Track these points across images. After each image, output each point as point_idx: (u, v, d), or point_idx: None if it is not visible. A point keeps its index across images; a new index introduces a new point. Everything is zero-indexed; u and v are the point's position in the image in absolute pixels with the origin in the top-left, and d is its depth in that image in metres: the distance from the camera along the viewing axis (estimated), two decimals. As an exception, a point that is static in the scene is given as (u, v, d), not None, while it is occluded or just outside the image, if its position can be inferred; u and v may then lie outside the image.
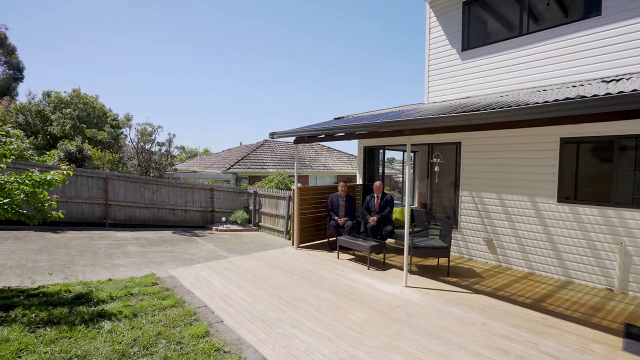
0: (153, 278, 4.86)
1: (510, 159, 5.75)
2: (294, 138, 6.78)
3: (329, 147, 25.21)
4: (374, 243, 5.69)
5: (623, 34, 5.08)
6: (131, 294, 4.11)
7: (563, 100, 3.16)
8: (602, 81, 4.74)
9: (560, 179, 5.21)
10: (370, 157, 8.41)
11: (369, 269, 5.55)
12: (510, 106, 3.53)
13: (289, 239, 10.78)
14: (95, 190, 10.10)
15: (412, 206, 7.45)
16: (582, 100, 3.05)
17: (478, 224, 6.15)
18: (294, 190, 7.03)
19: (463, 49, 7.01)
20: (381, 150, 8.51)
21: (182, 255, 7.15)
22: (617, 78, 4.73)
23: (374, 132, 5.15)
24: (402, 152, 9.83)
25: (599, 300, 4.39)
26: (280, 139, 23.48)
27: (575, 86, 4.88)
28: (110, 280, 4.83)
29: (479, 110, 3.75)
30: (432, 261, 6.01)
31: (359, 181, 8.53)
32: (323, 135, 6.06)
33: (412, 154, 10.09)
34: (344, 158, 23.95)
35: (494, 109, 3.58)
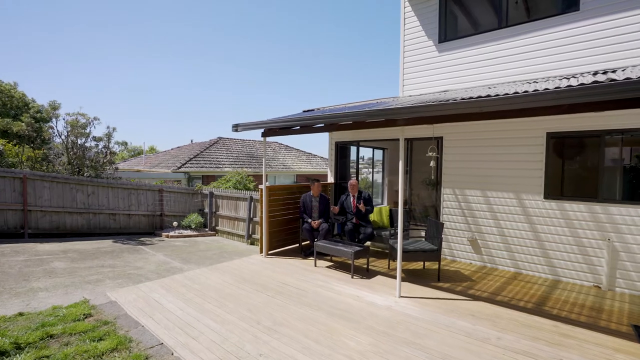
0: (85, 307, 3.73)
1: (495, 154, 5.52)
2: (262, 130, 5.95)
3: (287, 146, 24.39)
4: (358, 248, 5.08)
5: (600, 30, 5.04)
6: (51, 336, 2.99)
7: (591, 84, 2.81)
8: (582, 75, 4.62)
9: (546, 174, 5.05)
10: (343, 154, 7.83)
11: (352, 277, 4.93)
12: (527, 91, 3.13)
13: (251, 244, 9.84)
14: (8, 193, 8.24)
15: (387, 206, 7.02)
16: (612, 83, 2.71)
17: (462, 223, 5.85)
18: (261, 190, 6.19)
19: (440, 41, 6.71)
20: (353, 147, 7.97)
21: (125, 270, 5.92)
22: (601, 71, 4.65)
23: (361, 123, 4.54)
24: (372, 149, 9.41)
25: (593, 299, 4.23)
26: (239, 135, 22.12)
27: (560, 79, 4.73)
28: (21, 315, 3.57)
29: (489, 96, 3.31)
30: (416, 265, 5.58)
31: (330, 180, 7.91)
32: (298, 127, 5.32)
33: (381, 151, 9.74)
34: (303, 157, 23.28)
35: (509, 95, 3.15)
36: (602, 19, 4.98)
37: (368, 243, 6.39)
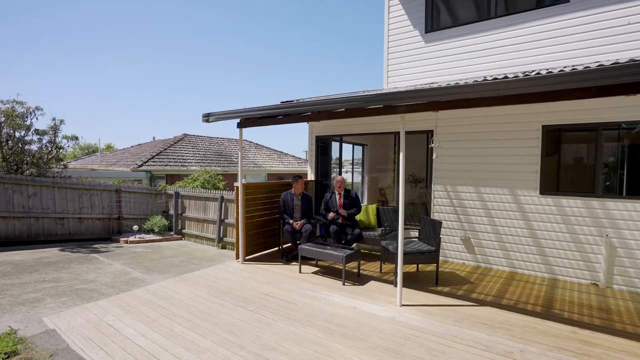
0: (10, 341, 2.86)
1: (488, 148, 5.25)
2: (238, 120, 5.27)
3: (257, 144, 23.47)
4: (349, 252, 4.58)
5: (590, 23, 4.93)
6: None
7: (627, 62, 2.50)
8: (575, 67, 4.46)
9: (542, 169, 4.85)
10: (324, 149, 7.31)
11: (344, 284, 4.42)
12: (550, 71, 2.79)
13: (222, 248, 9.03)
14: None
15: (374, 204, 6.59)
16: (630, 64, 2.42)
17: (454, 221, 5.54)
18: (237, 188, 5.51)
19: (427, 31, 6.40)
20: (334, 142, 7.46)
21: (73, 285, 4.98)
22: (594, 63, 4.51)
23: (356, 110, 4.03)
24: (352, 145, 8.96)
25: (597, 299, 4.03)
26: (209, 130, 20.96)
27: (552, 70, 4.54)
28: None
29: (506, 77, 2.93)
30: (410, 267, 5.17)
31: (310, 177, 7.36)
32: (281, 116, 4.72)
33: (360, 148, 9.33)
34: (274, 155, 22.49)
35: (534, 77, 2.79)
36: (591, 12, 4.87)
37: (354, 245, 5.92)
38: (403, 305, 3.74)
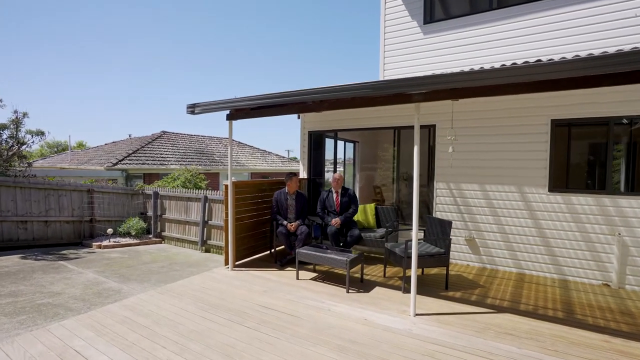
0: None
1: (494, 144, 5.00)
2: (228, 112, 4.77)
3: (239, 142, 22.73)
4: (353, 256, 4.19)
5: (594, 15, 4.77)
6: None
7: None
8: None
9: (551, 165, 4.64)
10: (317, 145, 6.89)
11: (348, 291, 4.02)
12: (591, 53, 2.49)
13: (206, 251, 8.46)
14: None
15: (372, 204, 6.24)
16: None
17: (457, 220, 5.26)
18: (226, 186, 5.00)
19: (425, 22, 6.10)
20: (329, 138, 7.06)
21: (34, 300, 4.33)
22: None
23: (364, 100, 3.64)
24: (343, 142, 8.58)
25: (614, 301, 3.83)
26: (190, 126, 20.05)
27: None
28: None
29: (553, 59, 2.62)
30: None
31: (303, 175, 6.93)
32: (278, 106, 4.26)
33: (352, 145, 8.98)
34: (257, 154, 21.86)
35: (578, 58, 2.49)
36: (596, 3, 4.70)
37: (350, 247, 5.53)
38: (417, 314, 3.38)
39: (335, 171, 6.65)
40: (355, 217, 5.56)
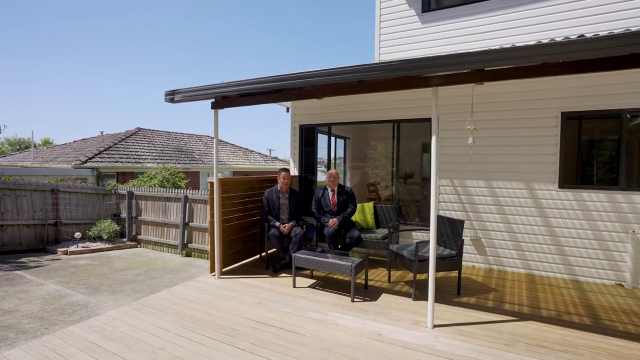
0: None
1: (501, 137, 4.72)
2: (213, 100, 4.24)
3: (220, 140, 21.89)
4: (358, 260, 3.76)
5: (600, 5, 4.58)
6: None
7: None
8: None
9: (562, 160, 4.40)
10: (309, 140, 6.43)
11: (353, 300, 3.60)
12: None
13: (187, 255, 7.82)
14: None
15: (371, 202, 5.85)
16: None
17: (462, 219, 4.94)
18: (212, 184, 4.46)
19: (424, 10, 5.78)
20: (321, 133, 6.62)
21: (-18, 319, 3.64)
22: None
23: (373, 84, 3.22)
24: (334, 138, 8.15)
25: (636, 303, 3.61)
26: (170, 118, 19.04)
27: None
28: None
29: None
30: (421, 275, 4.46)
31: (294, 172, 6.46)
32: (271, 92, 3.77)
33: (342, 141, 8.57)
34: (239, 152, 21.12)
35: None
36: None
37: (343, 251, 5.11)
38: (435, 326, 3.00)
39: (329, 167, 6.21)
40: (353, 217, 5.15)
